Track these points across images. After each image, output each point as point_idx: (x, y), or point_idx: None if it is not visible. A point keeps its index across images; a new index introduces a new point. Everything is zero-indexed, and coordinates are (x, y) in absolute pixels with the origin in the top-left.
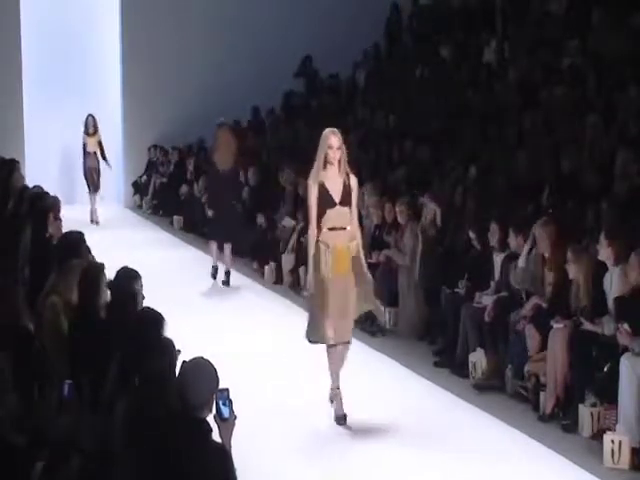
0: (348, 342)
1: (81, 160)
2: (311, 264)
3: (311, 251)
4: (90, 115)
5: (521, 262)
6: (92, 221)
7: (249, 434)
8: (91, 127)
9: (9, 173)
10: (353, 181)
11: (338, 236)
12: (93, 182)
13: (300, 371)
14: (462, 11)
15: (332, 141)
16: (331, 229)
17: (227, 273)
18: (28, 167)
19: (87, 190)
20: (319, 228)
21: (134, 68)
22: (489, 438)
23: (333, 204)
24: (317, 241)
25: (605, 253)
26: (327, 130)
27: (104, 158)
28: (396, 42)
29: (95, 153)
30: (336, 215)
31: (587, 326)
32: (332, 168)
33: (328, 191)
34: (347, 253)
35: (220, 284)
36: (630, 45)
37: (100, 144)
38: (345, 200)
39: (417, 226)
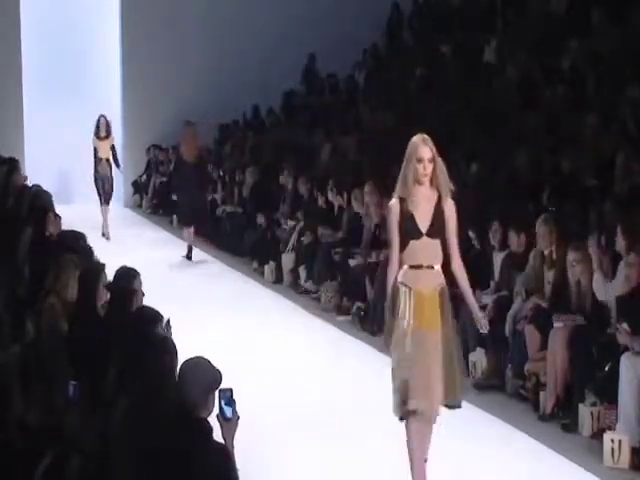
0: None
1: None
2: (388, 314)
3: (393, 300)
4: (102, 116)
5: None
6: (103, 234)
7: (250, 434)
8: (103, 130)
9: (9, 172)
10: (449, 206)
11: (422, 278)
12: (104, 192)
13: (301, 370)
14: (462, 10)
15: (422, 152)
16: (414, 267)
17: (189, 248)
18: (28, 166)
19: (99, 200)
20: (399, 265)
21: (134, 68)
22: (489, 437)
23: (418, 234)
24: (395, 282)
25: (619, 243)
26: (416, 138)
27: (116, 163)
28: (396, 41)
29: (108, 160)
30: (421, 248)
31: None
32: (421, 187)
33: (413, 217)
34: (435, 301)
35: (191, 266)
36: (630, 45)
37: (113, 149)
38: (435, 230)
39: None
